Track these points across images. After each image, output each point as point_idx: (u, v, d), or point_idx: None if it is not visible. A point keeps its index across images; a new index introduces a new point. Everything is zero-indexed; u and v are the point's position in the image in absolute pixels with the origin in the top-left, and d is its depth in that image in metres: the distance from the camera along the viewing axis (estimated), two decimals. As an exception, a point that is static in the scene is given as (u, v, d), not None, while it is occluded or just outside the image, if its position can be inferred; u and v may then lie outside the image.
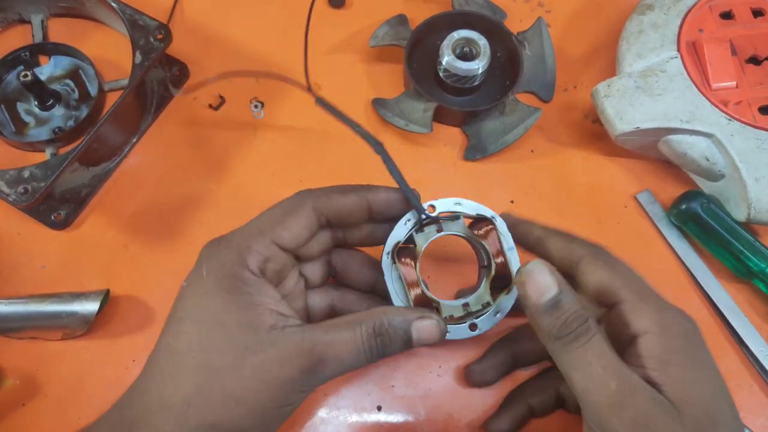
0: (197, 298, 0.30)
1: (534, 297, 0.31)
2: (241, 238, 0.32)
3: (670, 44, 0.46)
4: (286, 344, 0.29)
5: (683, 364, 0.29)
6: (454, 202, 0.37)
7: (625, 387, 0.28)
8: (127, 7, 0.46)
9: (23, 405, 0.42)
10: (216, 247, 0.32)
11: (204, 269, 0.31)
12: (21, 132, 0.48)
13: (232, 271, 0.30)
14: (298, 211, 0.33)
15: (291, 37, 0.53)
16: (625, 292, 0.31)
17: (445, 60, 0.46)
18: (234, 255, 0.31)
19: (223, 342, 0.29)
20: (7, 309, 0.42)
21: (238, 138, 0.49)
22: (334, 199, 0.34)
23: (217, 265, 0.31)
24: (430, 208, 0.37)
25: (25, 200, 0.41)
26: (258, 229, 0.32)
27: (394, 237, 0.36)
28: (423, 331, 0.32)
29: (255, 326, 0.29)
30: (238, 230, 0.33)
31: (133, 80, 0.44)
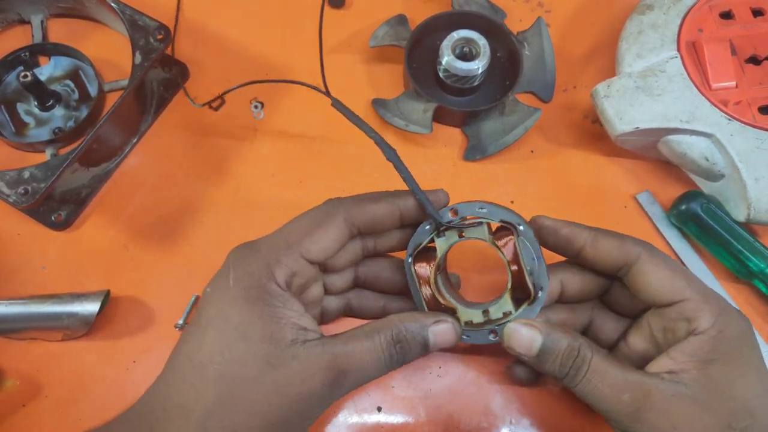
0: (222, 307, 0.30)
1: (525, 353, 0.32)
2: (270, 250, 0.32)
3: (670, 44, 0.46)
4: (307, 358, 0.29)
5: (727, 363, 0.30)
6: (479, 206, 0.36)
7: (638, 395, 0.30)
8: (127, 8, 0.46)
9: (23, 406, 0.42)
10: (244, 255, 0.32)
11: (231, 277, 0.31)
12: (21, 133, 0.48)
13: (259, 283, 0.30)
14: (329, 223, 0.33)
15: (291, 37, 0.53)
16: (689, 291, 0.32)
17: (444, 60, 0.46)
18: (262, 266, 0.31)
19: (246, 354, 0.29)
20: (8, 310, 0.42)
21: (238, 139, 0.49)
22: (367, 209, 0.34)
23: (244, 275, 0.31)
24: (452, 212, 0.36)
25: (25, 201, 0.41)
26: (286, 242, 0.32)
27: (415, 241, 0.36)
28: (439, 335, 0.33)
29: (277, 340, 0.29)
30: (267, 239, 0.33)
31: (133, 81, 0.44)
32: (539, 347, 0.32)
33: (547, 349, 0.32)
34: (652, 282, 0.33)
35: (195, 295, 0.44)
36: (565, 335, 0.32)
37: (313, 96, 0.51)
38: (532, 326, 0.32)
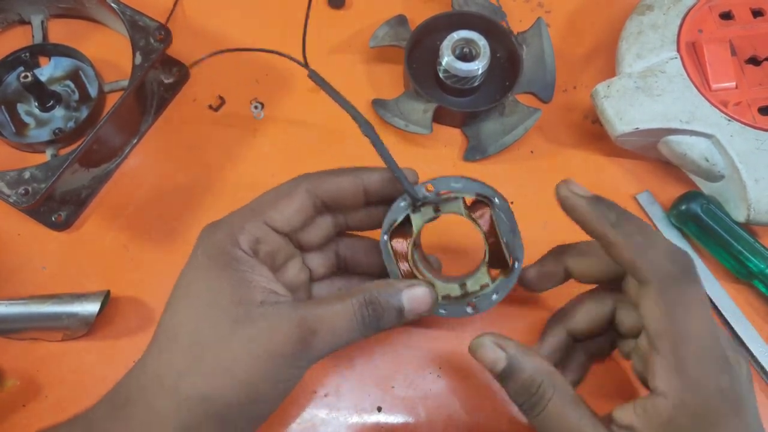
0: (191, 277, 0.31)
1: (489, 368, 0.32)
2: (234, 220, 0.33)
3: (670, 45, 0.46)
4: (275, 317, 0.29)
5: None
6: (453, 180, 0.36)
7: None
8: (127, 8, 0.46)
9: (24, 406, 0.42)
10: (211, 229, 0.33)
11: (199, 250, 0.32)
12: (21, 133, 0.48)
13: (224, 250, 0.31)
14: (292, 193, 0.34)
15: (291, 37, 0.53)
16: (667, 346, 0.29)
17: (444, 61, 0.46)
18: (226, 234, 0.32)
19: (215, 317, 0.29)
20: (8, 310, 0.42)
21: (238, 139, 0.49)
22: (328, 181, 0.35)
23: (210, 245, 0.32)
24: (429, 187, 0.36)
25: (25, 201, 0.41)
26: (251, 210, 0.33)
27: (390, 218, 0.36)
28: (414, 300, 0.32)
29: (246, 301, 0.30)
30: (233, 212, 0.34)
31: (133, 81, 0.44)
32: (502, 368, 0.32)
33: (509, 373, 0.31)
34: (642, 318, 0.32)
35: (195, 296, 0.44)
36: (531, 363, 0.31)
37: (313, 96, 0.51)
38: (500, 346, 0.32)
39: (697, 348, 0.28)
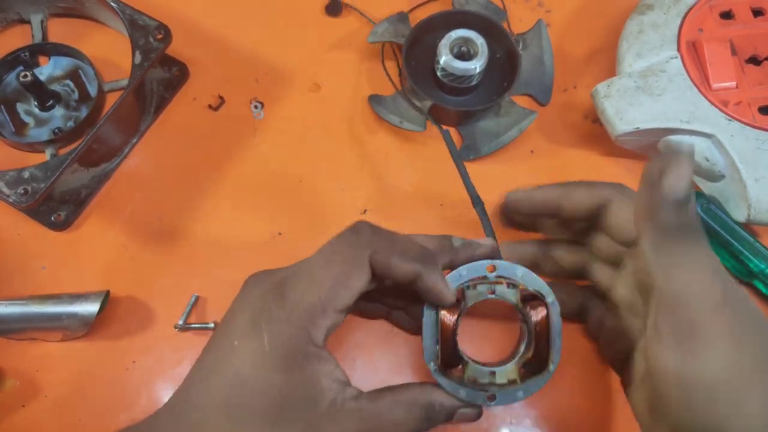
0: (259, 373, 0.29)
1: (669, 187, 0.28)
2: (305, 312, 0.30)
3: (670, 44, 0.46)
4: (345, 422, 0.30)
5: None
6: (517, 269, 0.35)
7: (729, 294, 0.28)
8: (127, 7, 0.46)
9: (23, 406, 0.42)
10: (274, 310, 0.30)
11: (266, 341, 0.30)
12: (21, 133, 0.48)
13: (297, 349, 0.30)
14: (359, 270, 0.31)
15: (291, 37, 0.53)
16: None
17: (442, 59, 0.46)
18: (300, 332, 0.30)
19: (286, 421, 0.29)
20: (7, 310, 0.42)
21: (238, 138, 0.49)
22: (393, 266, 0.32)
23: (282, 342, 0.30)
24: (489, 267, 0.35)
25: (25, 201, 0.41)
26: (320, 301, 0.30)
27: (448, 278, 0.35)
28: (463, 417, 0.34)
29: (316, 402, 0.30)
30: (297, 289, 0.31)
31: (132, 80, 0.44)
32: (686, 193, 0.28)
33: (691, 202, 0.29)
34: (622, 220, 0.32)
35: (195, 295, 0.44)
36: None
37: (313, 96, 0.51)
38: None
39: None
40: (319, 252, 0.32)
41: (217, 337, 0.31)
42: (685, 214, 0.28)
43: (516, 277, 0.35)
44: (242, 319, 0.31)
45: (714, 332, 0.27)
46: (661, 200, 0.28)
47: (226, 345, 0.30)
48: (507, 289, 0.35)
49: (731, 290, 0.28)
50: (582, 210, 0.34)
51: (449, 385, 0.34)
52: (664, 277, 0.28)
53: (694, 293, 0.27)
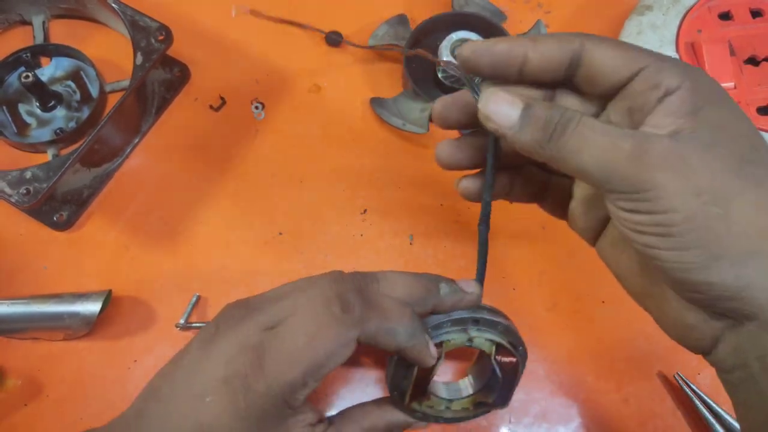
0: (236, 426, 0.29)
1: (505, 122, 0.28)
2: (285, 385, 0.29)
3: (669, 45, 0.46)
4: None
5: (718, 107, 0.26)
6: (498, 324, 0.35)
7: (641, 140, 0.25)
8: (128, 8, 0.46)
9: (25, 405, 0.42)
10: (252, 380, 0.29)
11: (242, 405, 0.28)
12: (23, 133, 0.48)
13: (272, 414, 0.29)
14: (345, 349, 0.30)
15: (291, 37, 0.53)
16: (645, 57, 0.27)
17: (444, 60, 0.46)
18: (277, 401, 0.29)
19: None
20: (9, 310, 0.42)
21: (238, 139, 0.49)
22: (379, 343, 0.32)
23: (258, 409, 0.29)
24: (473, 321, 0.35)
25: (27, 201, 0.41)
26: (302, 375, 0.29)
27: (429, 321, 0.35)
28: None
29: None
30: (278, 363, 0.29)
31: (134, 81, 0.44)
32: (522, 110, 0.28)
33: (529, 114, 0.27)
34: (603, 62, 0.28)
35: (196, 295, 0.44)
36: (546, 104, 0.28)
37: (313, 97, 0.51)
38: (511, 91, 0.28)
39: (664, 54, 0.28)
40: (303, 316, 0.30)
41: (179, 374, 0.30)
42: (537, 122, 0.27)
43: (496, 332, 0.35)
44: (214, 373, 0.29)
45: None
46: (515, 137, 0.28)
47: (189, 394, 0.29)
48: (485, 342, 0.35)
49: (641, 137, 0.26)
50: (552, 64, 0.29)
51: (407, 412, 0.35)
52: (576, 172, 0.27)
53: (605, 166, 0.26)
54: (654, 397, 0.43)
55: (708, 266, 0.24)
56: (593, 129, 0.26)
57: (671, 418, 0.42)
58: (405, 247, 0.46)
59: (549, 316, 0.45)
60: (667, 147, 0.25)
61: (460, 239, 0.47)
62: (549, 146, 0.27)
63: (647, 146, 0.25)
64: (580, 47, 0.28)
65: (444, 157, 0.34)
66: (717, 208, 0.24)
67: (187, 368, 0.30)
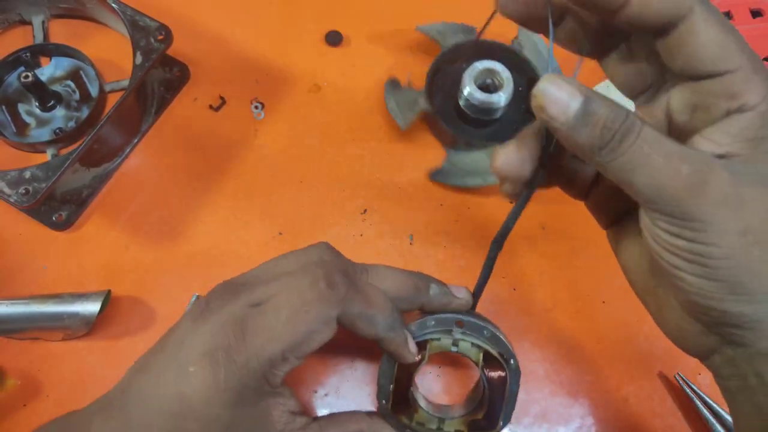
0: (213, 408, 0.29)
1: (560, 115, 0.25)
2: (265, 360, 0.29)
3: (670, 45, 0.46)
4: None
5: None
6: (484, 330, 0.35)
7: (701, 167, 0.24)
8: (128, 8, 0.46)
9: (24, 405, 0.42)
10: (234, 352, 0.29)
11: (222, 378, 0.29)
12: (22, 133, 0.48)
13: (251, 388, 0.30)
14: (326, 328, 0.31)
15: (291, 37, 0.53)
16: (740, 58, 0.24)
17: (466, 90, 0.45)
18: (257, 375, 0.29)
19: None
20: (9, 310, 0.42)
21: (238, 139, 0.49)
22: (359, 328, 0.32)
23: (237, 381, 0.29)
24: (459, 323, 0.35)
25: (26, 201, 0.41)
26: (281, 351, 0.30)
27: (414, 330, 0.35)
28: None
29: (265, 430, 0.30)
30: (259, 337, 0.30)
31: (133, 81, 0.44)
32: (580, 105, 0.25)
33: (591, 109, 0.24)
34: (702, 44, 0.24)
35: (195, 295, 0.44)
36: (607, 101, 0.25)
37: (313, 96, 0.51)
38: (574, 82, 0.25)
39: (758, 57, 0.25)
40: (289, 293, 0.30)
41: (167, 348, 0.31)
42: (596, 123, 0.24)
43: (482, 337, 0.35)
44: (199, 345, 0.30)
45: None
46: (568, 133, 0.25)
47: (174, 365, 0.30)
48: (471, 348, 0.35)
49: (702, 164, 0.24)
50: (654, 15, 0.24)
51: (397, 426, 0.35)
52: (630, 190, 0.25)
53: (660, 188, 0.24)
54: (654, 397, 0.43)
55: (729, 299, 0.24)
56: (653, 146, 0.24)
57: (671, 418, 0.42)
58: (405, 247, 0.46)
59: (549, 316, 0.45)
60: (728, 182, 0.24)
61: (460, 239, 0.46)
62: (602, 153, 0.25)
63: (708, 177, 0.23)
64: (688, 11, 0.24)
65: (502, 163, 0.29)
66: (759, 250, 0.23)
67: (175, 342, 0.31)
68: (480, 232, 0.47)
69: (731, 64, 0.24)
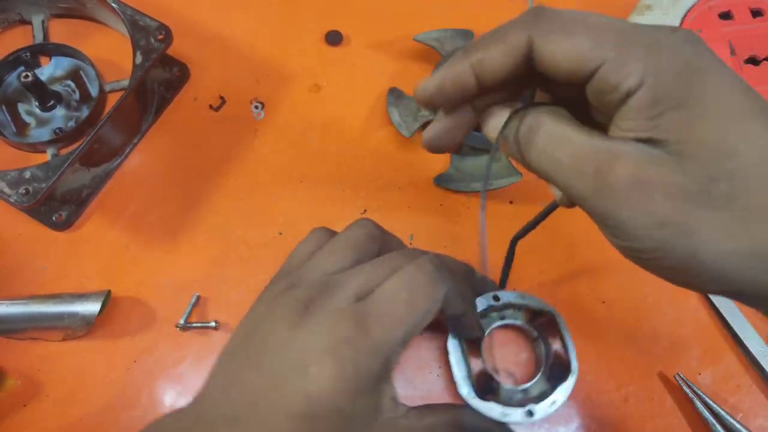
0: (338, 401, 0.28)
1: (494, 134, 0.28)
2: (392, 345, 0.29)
3: (670, 45, 0.46)
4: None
5: (680, 108, 0.23)
6: (517, 295, 0.40)
7: (602, 164, 0.24)
8: (128, 8, 0.46)
9: (24, 405, 0.42)
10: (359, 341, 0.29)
11: (349, 371, 0.28)
12: (22, 133, 0.48)
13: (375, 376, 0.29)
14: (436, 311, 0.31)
15: (291, 37, 0.53)
16: (605, 48, 0.24)
17: None
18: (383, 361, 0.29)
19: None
20: (9, 310, 0.42)
21: (238, 139, 0.49)
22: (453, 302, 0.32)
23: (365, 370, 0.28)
24: (495, 298, 0.40)
25: (26, 201, 0.41)
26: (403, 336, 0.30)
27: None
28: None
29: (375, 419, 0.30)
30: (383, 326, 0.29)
31: (133, 81, 0.44)
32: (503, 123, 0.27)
33: (508, 124, 0.27)
34: (555, 60, 0.25)
35: (196, 295, 0.44)
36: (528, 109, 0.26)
37: (313, 96, 0.51)
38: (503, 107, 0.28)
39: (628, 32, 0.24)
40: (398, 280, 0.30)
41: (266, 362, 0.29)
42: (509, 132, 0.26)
43: (519, 301, 0.40)
44: (315, 346, 0.29)
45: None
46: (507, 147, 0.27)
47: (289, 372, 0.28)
48: (515, 312, 0.40)
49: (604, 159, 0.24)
50: (506, 73, 0.26)
51: (487, 407, 0.37)
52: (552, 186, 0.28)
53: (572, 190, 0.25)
54: (654, 397, 0.43)
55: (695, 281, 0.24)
56: (558, 145, 0.25)
57: (671, 418, 0.42)
58: (405, 247, 0.46)
59: (549, 316, 0.45)
60: (628, 176, 0.23)
61: (460, 239, 0.46)
62: (523, 160, 0.26)
63: (608, 175, 0.23)
64: (527, 46, 0.25)
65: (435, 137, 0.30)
66: (684, 239, 0.23)
67: (276, 350, 0.29)
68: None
69: (595, 60, 0.24)
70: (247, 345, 0.31)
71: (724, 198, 0.22)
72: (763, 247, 0.22)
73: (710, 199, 0.22)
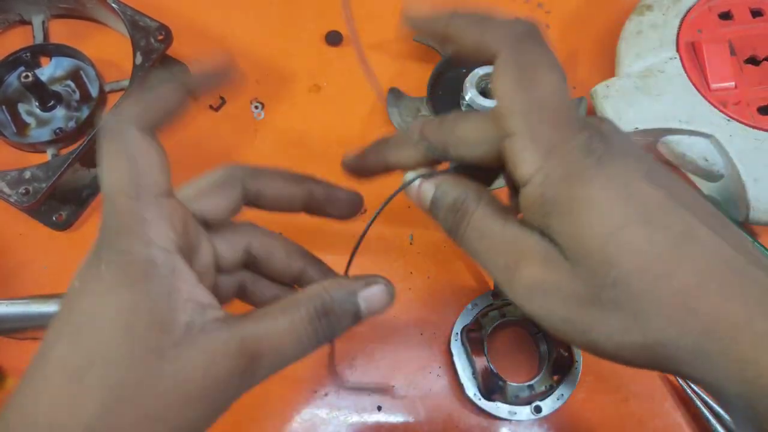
0: (95, 298, 0.24)
1: (420, 205, 0.30)
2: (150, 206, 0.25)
3: (669, 45, 0.46)
4: (209, 344, 0.23)
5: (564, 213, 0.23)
6: None
7: (510, 262, 0.25)
8: (128, 8, 0.46)
9: (25, 405, 0.42)
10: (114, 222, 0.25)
11: (103, 259, 0.24)
12: (22, 133, 0.48)
13: (139, 255, 0.24)
14: (230, 186, 0.30)
15: (292, 37, 0.53)
16: (519, 121, 0.24)
17: (468, 96, 0.46)
18: (143, 230, 0.24)
19: (132, 350, 0.23)
20: (9, 309, 0.42)
21: (238, 139, 0.49)
22: (271, 185, 0.32)
23: (119, 252, 0.24)
24: (493, 297, 0.41)
25: (26, 201, 0.41)
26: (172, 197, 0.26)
27: (462, 321, 0.42)
28: (371, 300, 0.27)
29: (168, 325, 0.23)
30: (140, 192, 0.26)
31: (133, 81, 0.44)
32: (431, 199, 0.28)
33: (437, 200, 0.28)
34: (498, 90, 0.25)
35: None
36: (455, 187, 0.27)
37: (313, 96, 0.51)
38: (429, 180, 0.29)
39: (550, 114, 0.24)
40: None
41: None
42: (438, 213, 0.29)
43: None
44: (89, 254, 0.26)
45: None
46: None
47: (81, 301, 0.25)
48: (515, 309, 0.41)
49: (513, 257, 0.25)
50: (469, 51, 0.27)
51: (494, 407, 0.39)
52: None
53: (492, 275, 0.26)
54: (654, 397, 0.43)
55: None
56: (479, 235, 0.26)
57: (671, 418, 0.42)
58: (405, 247, 0.46)
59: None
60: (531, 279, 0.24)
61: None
62: (452, 236, 0.27)
63: (515, 274, 0.24)
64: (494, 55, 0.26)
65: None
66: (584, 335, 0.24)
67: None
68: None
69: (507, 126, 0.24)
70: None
71: (612, 303, 0.22)
72: (655, 340, 0.22)
73: (601, 304, 0.23)
